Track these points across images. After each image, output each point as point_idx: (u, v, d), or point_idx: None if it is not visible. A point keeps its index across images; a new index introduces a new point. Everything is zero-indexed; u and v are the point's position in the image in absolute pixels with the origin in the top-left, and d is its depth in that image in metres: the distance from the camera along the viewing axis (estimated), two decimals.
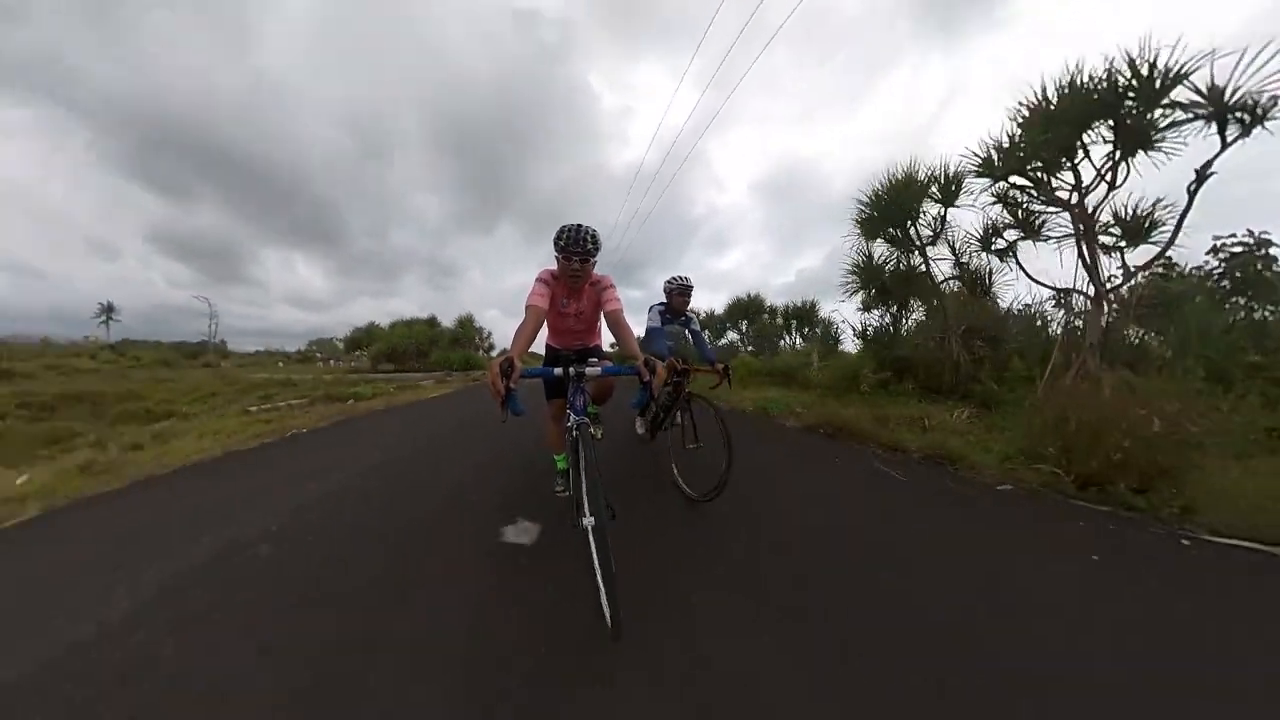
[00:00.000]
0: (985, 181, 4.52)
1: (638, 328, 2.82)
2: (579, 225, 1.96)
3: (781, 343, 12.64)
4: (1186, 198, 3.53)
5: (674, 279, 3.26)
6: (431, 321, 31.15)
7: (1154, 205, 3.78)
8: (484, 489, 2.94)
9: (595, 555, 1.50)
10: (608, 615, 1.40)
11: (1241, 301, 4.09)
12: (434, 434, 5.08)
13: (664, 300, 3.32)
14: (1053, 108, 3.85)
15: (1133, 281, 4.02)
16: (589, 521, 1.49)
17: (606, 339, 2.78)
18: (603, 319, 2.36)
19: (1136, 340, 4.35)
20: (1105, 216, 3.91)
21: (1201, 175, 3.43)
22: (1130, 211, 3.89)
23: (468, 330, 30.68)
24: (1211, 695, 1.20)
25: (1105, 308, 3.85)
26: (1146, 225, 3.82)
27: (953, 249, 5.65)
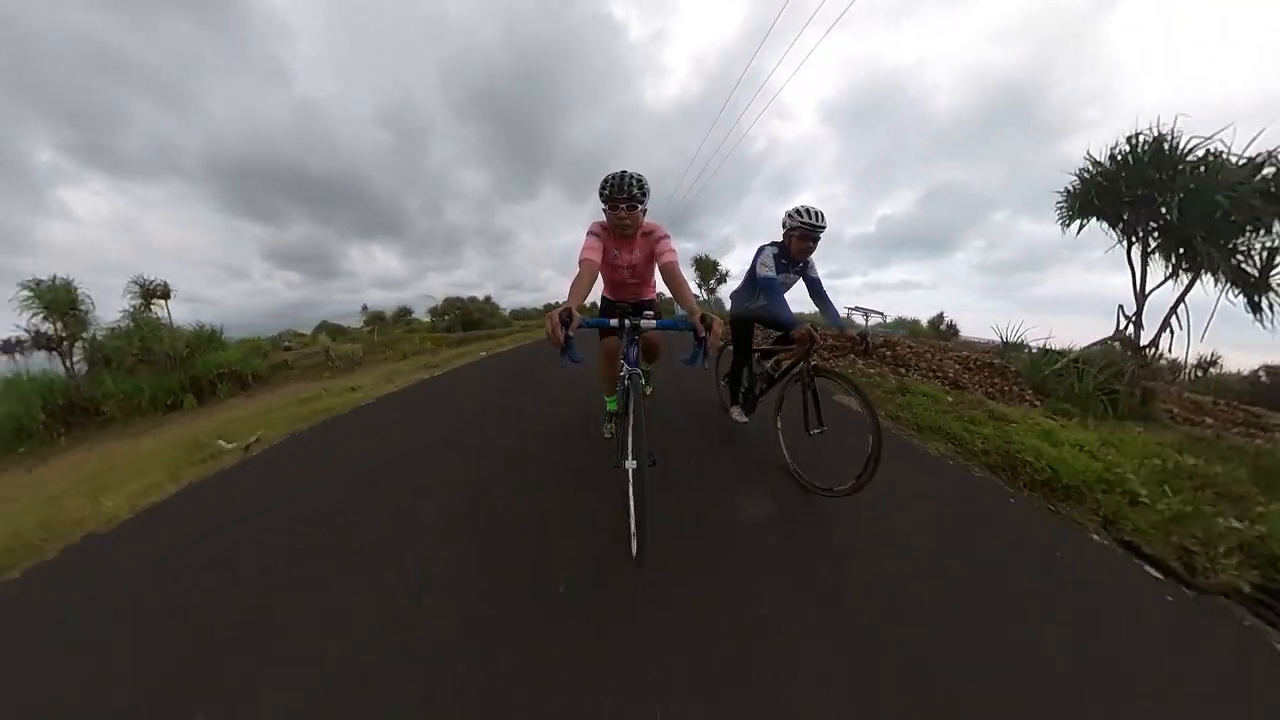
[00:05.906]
0: None
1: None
2: (623, 172, 1.92)
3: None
4: None
5: (800, 212, 2.32)
6: None
7: None
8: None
9: (631, 495, 1.58)
10: (634, 548, 1.52)
11: None
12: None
13: (777, 241, 2.46)
14: None
15: None
16: (630, 465, 1.57)
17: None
18: (658, 271, 2.15)
19: None
20: None
21: None
22: None
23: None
24: None
25: None
26: None
27: None
